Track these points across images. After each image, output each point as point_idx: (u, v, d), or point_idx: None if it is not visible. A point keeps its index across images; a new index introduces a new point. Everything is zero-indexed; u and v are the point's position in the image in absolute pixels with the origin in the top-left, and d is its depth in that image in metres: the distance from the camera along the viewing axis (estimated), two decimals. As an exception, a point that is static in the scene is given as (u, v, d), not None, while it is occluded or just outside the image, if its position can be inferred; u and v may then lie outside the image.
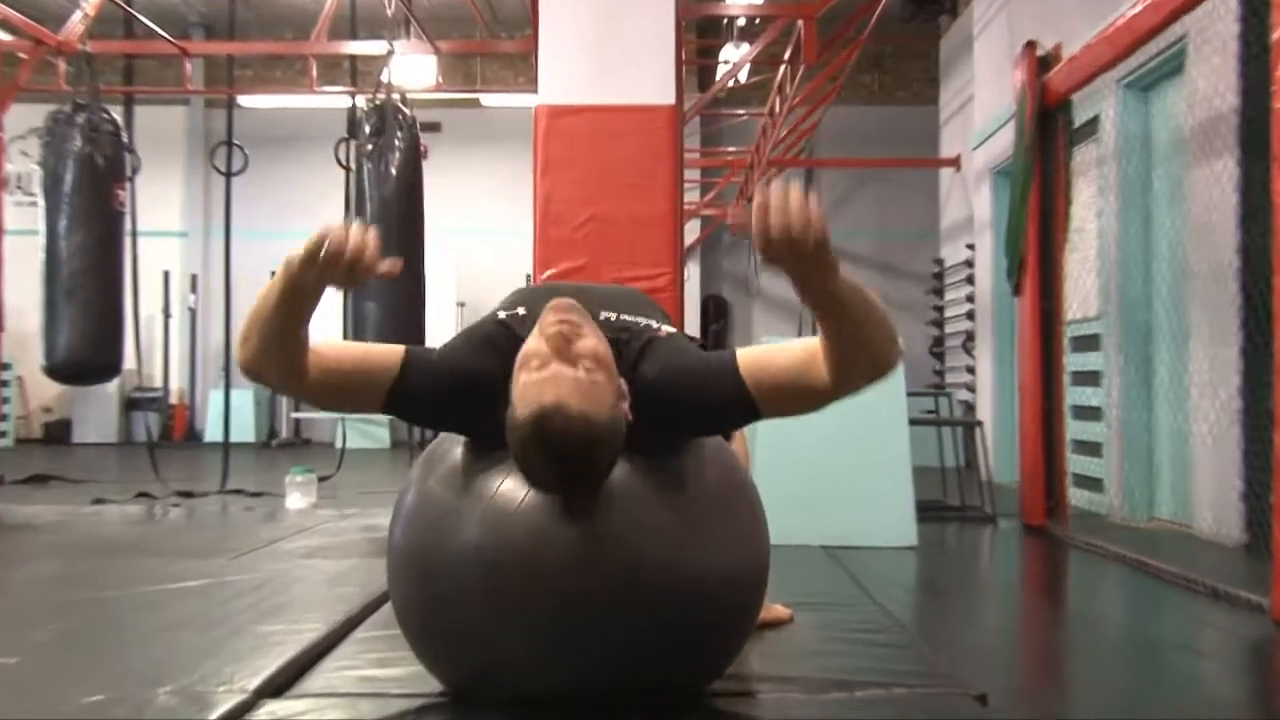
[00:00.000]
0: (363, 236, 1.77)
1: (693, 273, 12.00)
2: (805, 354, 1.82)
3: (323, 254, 1.74)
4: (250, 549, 4.22)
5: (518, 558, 1.85)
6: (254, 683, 2.17)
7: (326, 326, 11.77)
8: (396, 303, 5.55)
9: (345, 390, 1.96)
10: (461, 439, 2.05)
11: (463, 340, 2.02)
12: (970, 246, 9.00)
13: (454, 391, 1.93)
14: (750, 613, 2.11)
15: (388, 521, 2.13)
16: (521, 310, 2.03)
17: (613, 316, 1.99)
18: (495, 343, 1.96)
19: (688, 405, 1.91)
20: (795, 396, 1.85)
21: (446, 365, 1.95)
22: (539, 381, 1.76)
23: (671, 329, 2.02)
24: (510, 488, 1.90)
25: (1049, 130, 5.51)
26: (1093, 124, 5.81)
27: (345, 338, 5.65)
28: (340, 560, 3.93)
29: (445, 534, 1.94)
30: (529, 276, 10.86)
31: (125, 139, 6.30)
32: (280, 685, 2.21)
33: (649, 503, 1.90)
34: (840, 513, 4.50)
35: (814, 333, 1.82)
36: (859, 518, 4.50)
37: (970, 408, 8.96)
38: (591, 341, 1.81)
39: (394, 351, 1.95)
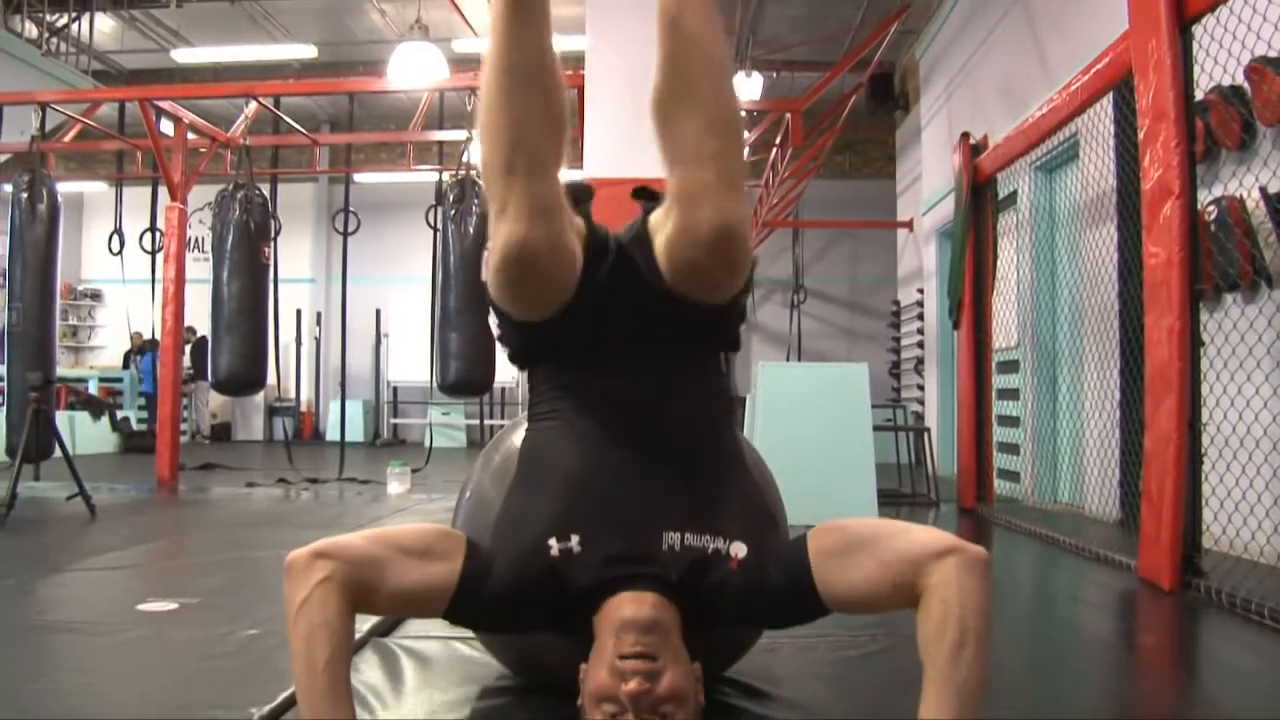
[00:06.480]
0: None
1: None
2: (890, 584, 1.32)
3: None
4: (361, 523, 4.13)
5: None
6: (367, 624, 2.17)
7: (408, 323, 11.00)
8: (474, 334, 5.22)
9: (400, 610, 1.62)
10: (518, 432, 1.66)
11: (508, 576, 1.38)
12: (920, 291, 8.76)
13: (503, 622, 1.47)
14: None
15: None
16: (575, 541, 1.37)
17: (677, 541, 1.38)
18: (542, 594, 1.38)
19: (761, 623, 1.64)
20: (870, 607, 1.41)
21: (494, 603, 1.39)
22: None
23: (741, 546, 1.40)
24: None
25: (980, 201, 5.39)
26: (1012, 197, 5.71)
27: (434, 362, 5.35)
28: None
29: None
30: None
31: (271, 209, 6.22)
32: (389, 626, 2.22)
33: None
34: (818, 499, 4.13)
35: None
36: (833, 502, 4.28)
37: (920, 417, 8.60)
38: (671, 679, 1.29)
39: (446, 579, 1.38)
